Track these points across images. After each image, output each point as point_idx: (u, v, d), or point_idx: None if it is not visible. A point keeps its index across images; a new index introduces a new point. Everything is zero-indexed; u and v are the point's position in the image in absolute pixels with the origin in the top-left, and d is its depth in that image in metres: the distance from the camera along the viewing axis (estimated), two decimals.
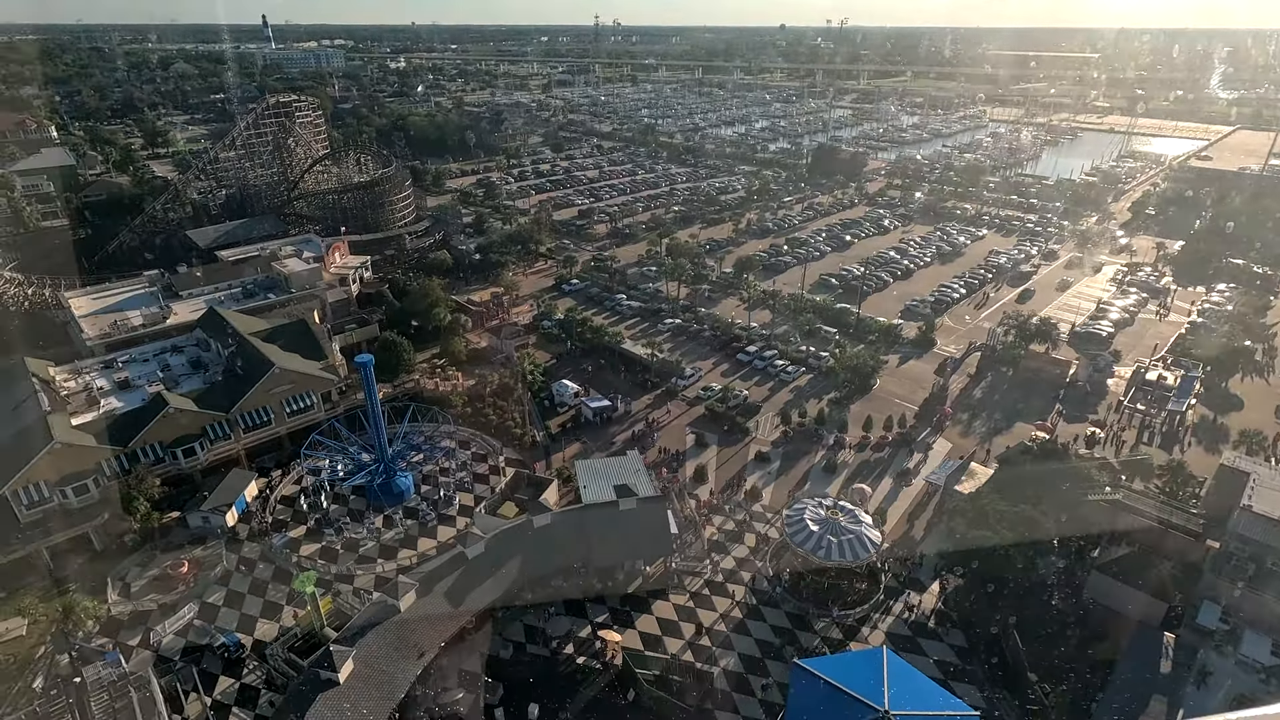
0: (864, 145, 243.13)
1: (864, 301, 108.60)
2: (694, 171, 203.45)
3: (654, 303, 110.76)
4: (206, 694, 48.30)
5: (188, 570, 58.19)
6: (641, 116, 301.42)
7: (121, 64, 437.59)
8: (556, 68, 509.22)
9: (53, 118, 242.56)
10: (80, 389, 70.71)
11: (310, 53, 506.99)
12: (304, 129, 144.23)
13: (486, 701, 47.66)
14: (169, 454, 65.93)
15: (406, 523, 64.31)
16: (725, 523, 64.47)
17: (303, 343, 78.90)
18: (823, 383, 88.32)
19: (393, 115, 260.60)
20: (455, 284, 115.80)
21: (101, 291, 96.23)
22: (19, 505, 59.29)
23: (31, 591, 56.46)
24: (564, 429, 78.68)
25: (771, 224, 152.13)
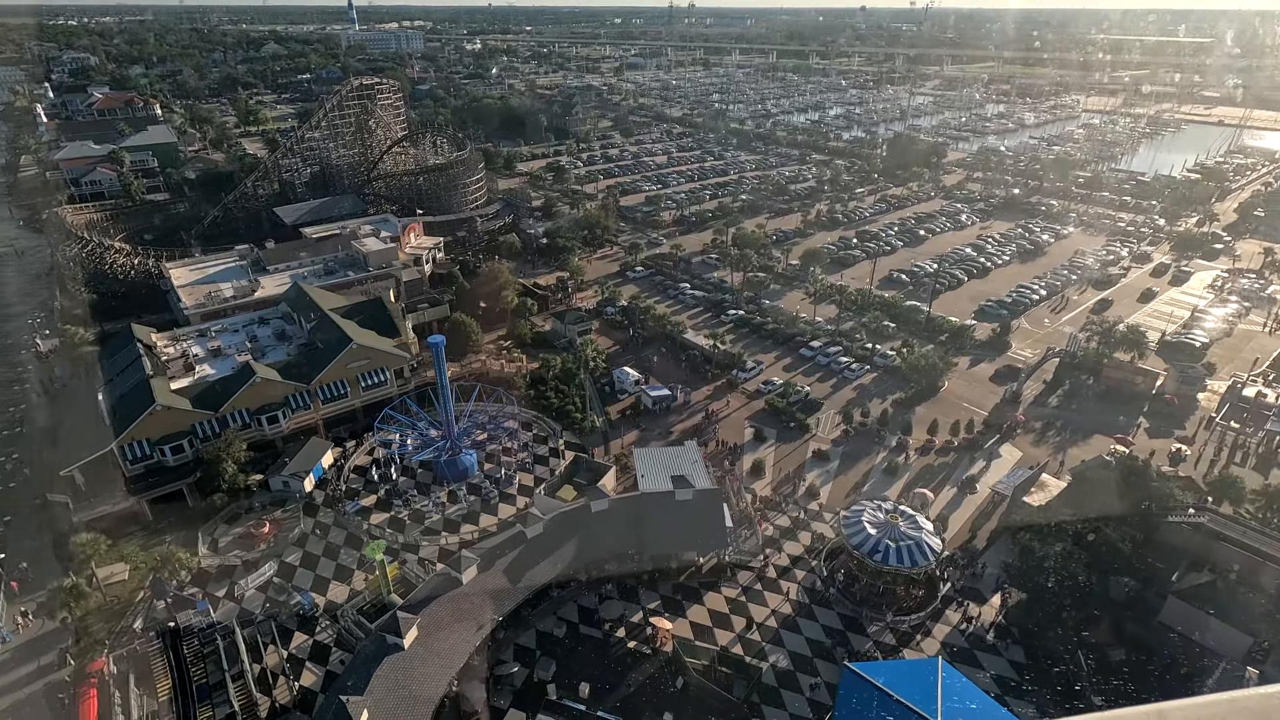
0: (944, 135, 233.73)
1: (935, 300, 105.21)
2: (763, 159, 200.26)
3: (717, 293, 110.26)
4: (283, 647, 51.78)
5: (269, 530, 62.17)
6: (712, 102, 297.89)
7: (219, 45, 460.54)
8: (629, 50, 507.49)
9: (158, 96, 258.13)
10: (178, 355, 75.98)
11: (391, 34, 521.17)
12: (384, 111, 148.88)
13: (539, 677, 49.43)
14: (255, 420, 70.25)
15: (469, 499, 66.75)
16: (780, 519, 64.29)
17: (378, 320, 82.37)
18: (888, 382, 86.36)
19: (467, 97, 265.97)
20: (522, 267, 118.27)
21: (198, 263, 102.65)
22: (124, 460, 64.49)
23: (133, 540, 61.49)
24: (623, 416, 79.70)
25: (841, 216, 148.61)
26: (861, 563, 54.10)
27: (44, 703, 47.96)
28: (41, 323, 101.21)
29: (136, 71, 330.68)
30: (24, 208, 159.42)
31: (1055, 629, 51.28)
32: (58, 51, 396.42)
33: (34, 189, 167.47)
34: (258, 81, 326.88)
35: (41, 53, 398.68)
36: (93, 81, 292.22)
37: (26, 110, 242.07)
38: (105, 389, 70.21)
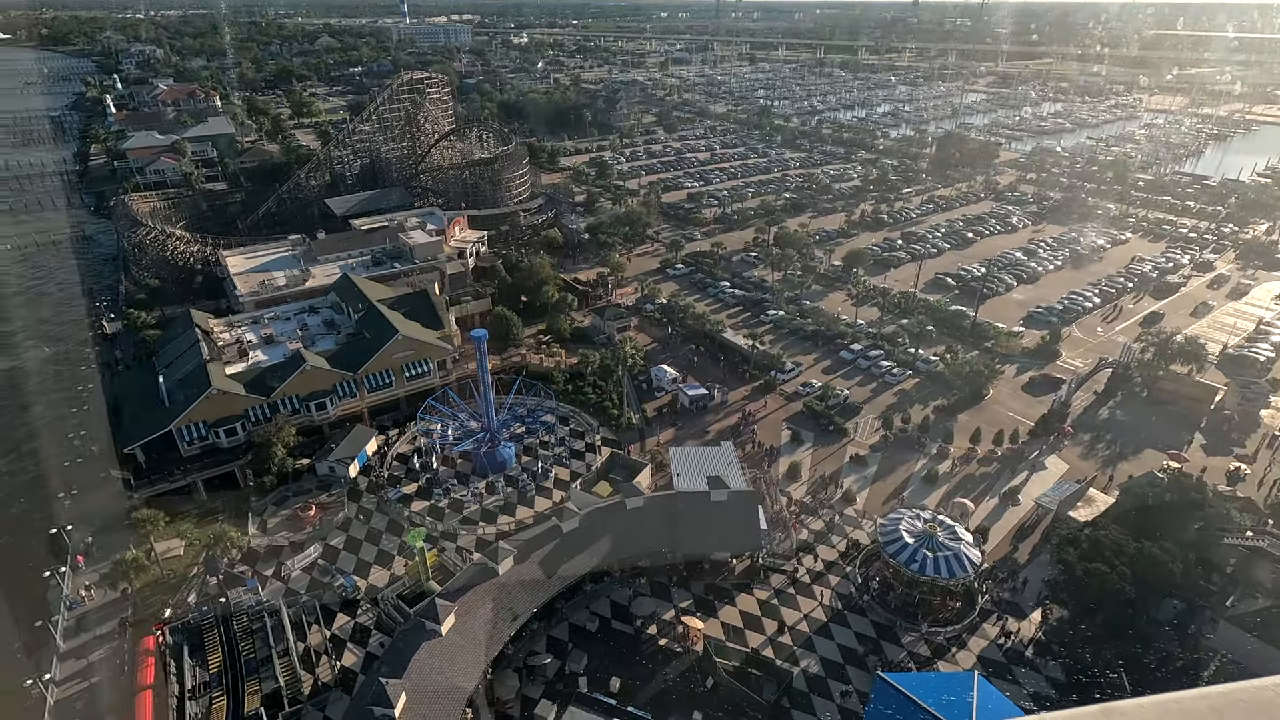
0: (996, 134, 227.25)
1: (982, 305, 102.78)
2: (808, 157, 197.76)
3: (757, 292, 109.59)
4: (326, 628, 53.63)
5: (315, 513, 64.33)
6: (757, 98, 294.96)
7: (275, 38, 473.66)
8: (674, 45, 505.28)
9: (217, 88, 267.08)
10: (233, 341, 78.91)
11: (440, 28, 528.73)
12: (433, 105, 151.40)
13: (571, 669, 50.23)
14: (304, 406, 72.64)
15: (507, 490, 67.95)
16: (815, 523, 63.89)
17: (423, 312, 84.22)
18: (930, 388, 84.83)
19: (513, 91, 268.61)
20: (563, 262, 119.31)
21: (252, 252, 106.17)
22: (182, 441, 67.43)
23: (188, 517, 64.34)
24: (660, 414, 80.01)
25: (886, 216, 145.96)
26: (897, 571, 53.48)
27: (106, 668, 50.65)
28: (108, 305, 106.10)
29: (198, 64, 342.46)
30: (93, 194, 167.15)
31: (1098, 648, 49.96)
32: (126, 44, 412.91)
33: (103, 177, 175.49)
34: (311, 74, 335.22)
35: (112, 45, 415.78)
36: (158, 74, 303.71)
37: (97, 101, 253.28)
38: (165, 371, 73.37)
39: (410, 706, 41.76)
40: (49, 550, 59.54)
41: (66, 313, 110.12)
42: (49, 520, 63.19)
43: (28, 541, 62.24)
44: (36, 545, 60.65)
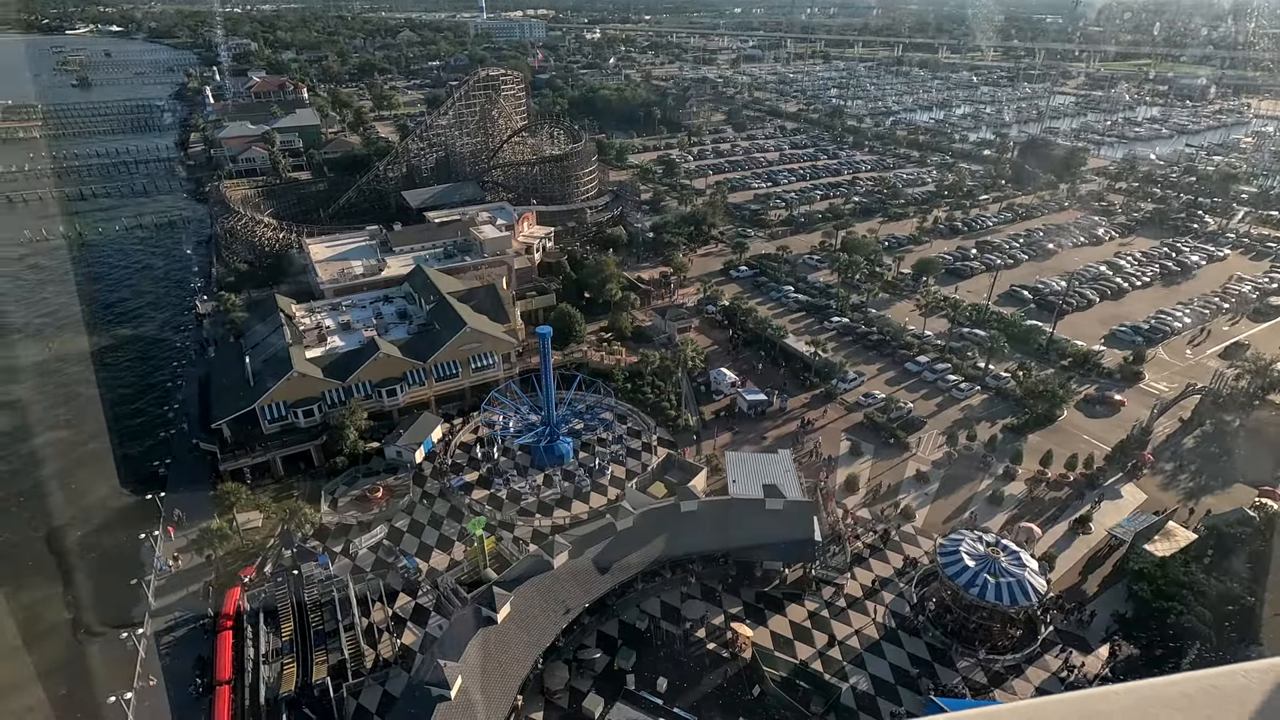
0: (1085, 140, 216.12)
1: (1060, 320, 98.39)
2: (880, 160, 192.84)
3: (822, 298, 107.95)
4: (388, 606, 56.18)
5: (382, 495, 67.31)
6: (830, 97, 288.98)
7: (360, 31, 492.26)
8: (747, 41, 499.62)
9: (305, 80, 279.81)
10: (313, 326, 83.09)
11: (515, 23, 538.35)
12: (507, 101, 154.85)
13: (619, 665, 51.15)
14: (376, 392, 75.96)
15: (564, 484, 69.44)
16: (871, 538, 62.86)
17: (491, 306, 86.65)
18: (999, 406, 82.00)
19: (584, 87, 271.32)
20: (627, 260, 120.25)
21: (333, 240, 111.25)
22: (264, 419, 71.58)
23: (266, 491, 68.34)
24: (717, 417, 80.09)
25: (961, 224, 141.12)
26: (956, 593, 52.20)
27: (190, 627, 54.54)
28: (201, 286, 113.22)
29: (288, 56, 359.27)
30: (191, 180, 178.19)
31: None
32: (224, 37, 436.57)
33: (200, 164, 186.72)
34: (392, 67, 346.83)
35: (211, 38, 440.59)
36: (252, 66, 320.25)
37: (197, 91, 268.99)
38: (251, 352, 77.90)
39: (465, 689, 43.46)
40: (145, 514, 64.32)
41: (166, 291, 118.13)
42: (145, 486, 68.26)
43: (126, 504, 67.37)
44: (134, 508, 65.58)
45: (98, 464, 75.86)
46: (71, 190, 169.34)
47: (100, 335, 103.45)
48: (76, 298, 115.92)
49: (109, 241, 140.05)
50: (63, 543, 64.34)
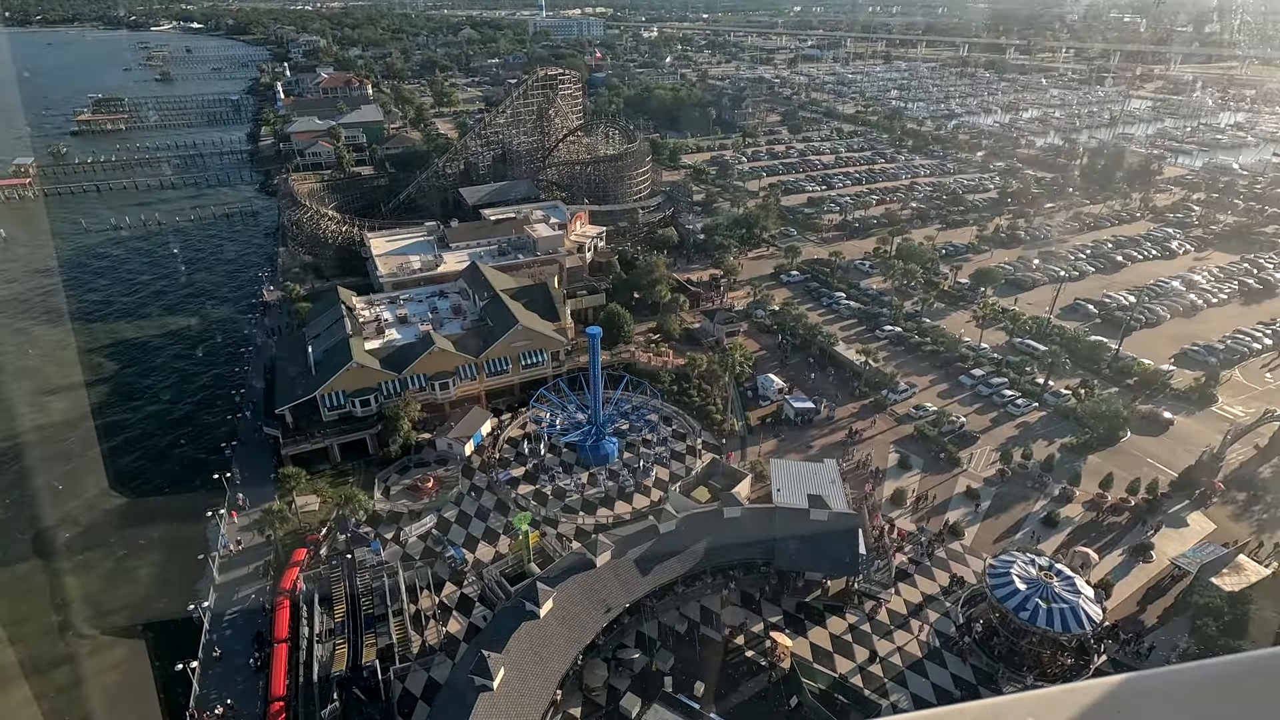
0: (1161, 147, 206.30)
1: (1128, 337, 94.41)
2: (940, 165, 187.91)
3: (874, 306, 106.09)
4: (435, 594, 57.90)
5: (432, 486, 69.27)
6: (890, 98, 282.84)
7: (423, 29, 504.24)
8: (805, 41, 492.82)
9: (370, 77, 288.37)
10: (372, 319, 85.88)
11: (574, 21, 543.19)
12: (563, 100, 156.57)
13: (657, 667, 51.60)
14: (429, 385, 78.12)
15: (608, 484, 70.20)
16: (917, 553, 61.72)
17: (542, 304, 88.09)
18: (1058, 424, 79.30)
19: (640, 86, 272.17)
20: (677, 261, 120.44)
21: (393, 235, 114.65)
22: (323, 406, 74.45)
23: (323, 477, 71.09)
24: (763, 423, 79.69)
25: (1024, 233, 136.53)
26: (1004, 617, 50.88)
27: (251, 604, 57.30)
28: (267, 276, 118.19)
29: (354, 53, 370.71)
30: (261, 172, 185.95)
31: None
32: (295, 34, 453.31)
33: (269, 157, 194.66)
34: (452, 65, 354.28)
35: (283, 35, 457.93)
36: (321, 62, 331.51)
37: (269, 86, 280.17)
38: (314, 341, 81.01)
39: (507, 680, 44.57)
40: (213, 493, 67.78)
41: (236, 279, 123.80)
42: (212, 466, 71.87)
43: (195, 483, 71.09)
44: (203, 486, 69.15)
45: (170, 441, 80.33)
46: (152, 180, 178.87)
47: (177, 318, 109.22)
48: (157, 282, 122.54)
49: (185, 230, 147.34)
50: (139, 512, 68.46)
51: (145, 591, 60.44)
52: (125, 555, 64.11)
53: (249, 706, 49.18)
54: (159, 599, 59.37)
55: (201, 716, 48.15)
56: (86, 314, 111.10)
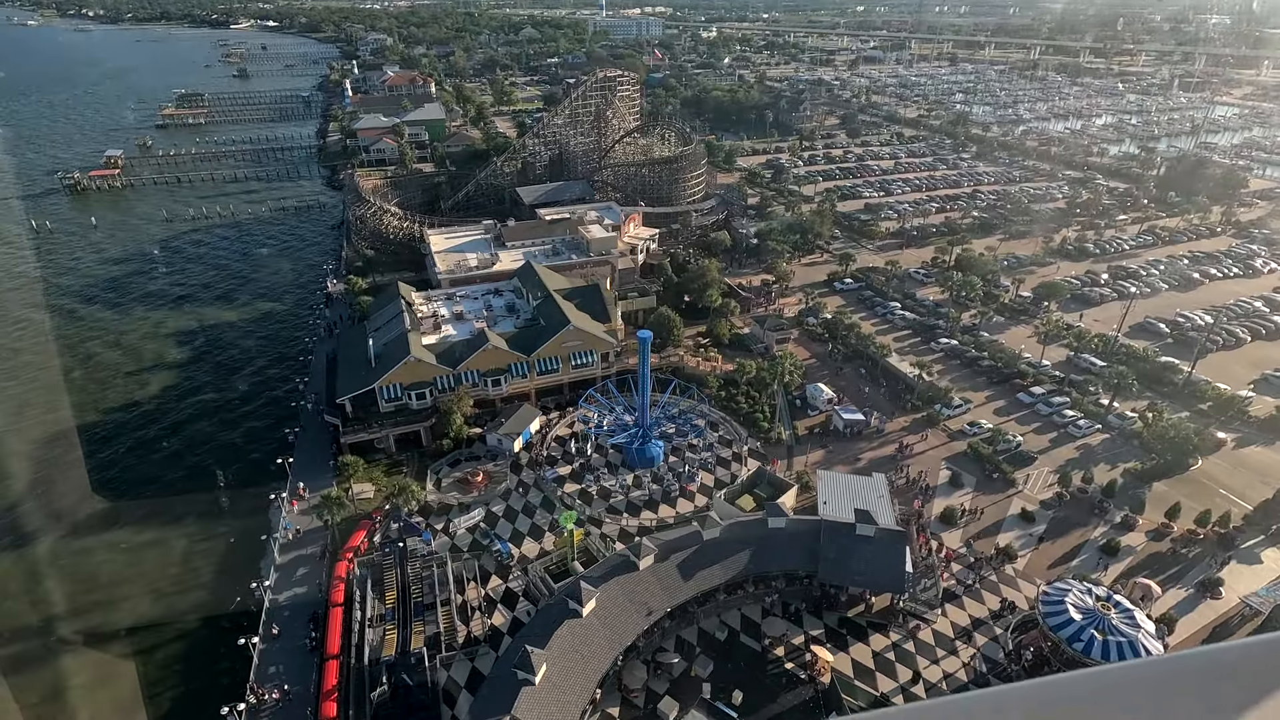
0: (1247, 158, 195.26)
1: (1202, 359, 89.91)
2: (1005, 172, 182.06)
3: (930, 317, 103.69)
4: (481, 586, 59.42)
5: (482, 479, 71.01)
6: (954, 102, 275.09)
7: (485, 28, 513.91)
8: (867, 42, 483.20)
9: (433, 75, 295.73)
10: (429, 314, 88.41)
11: (633, 21, 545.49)
12: (621, 101, 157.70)
13: (696, 672, 51.87)
14: (482, 381, 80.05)
15: (653, 487, 70.74)
16: (967, 575, 60.31)
17: (594, 305, 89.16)
18: (1121, 448, 76.17)
19: (697, 87, 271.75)
20: (729, 265, 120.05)
21: (451, 232, 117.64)
22: (381, 398, 77.10)
23: (378, 466, 73.67)
24: (811, 433, 78.96)
25: (1093, 245, 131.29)
26: (1057, 646, 49.35)
27: (308, 585, 59.90)
28: (332, 269, 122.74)
29: (419, 51, 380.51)
30: (328, 168, 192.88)
31: None
32: (364, 33, 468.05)
33: (336, 153, 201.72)
34: (513, 64, 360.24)
35: (353, 33, 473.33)
36: (387, 61, 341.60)
37: (338, 83, 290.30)
38: (374, 335, 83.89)
39: (549, 676, 45.54)
40: (276, 476, 71.04)
41: (302, 271, 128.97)
42: (277, 450, 75.29)
43: (261, 464, 74.57)
44: (267, 469, 72.51)
45: (237, 425, 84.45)
46: (227, 173, 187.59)
47: (246, 307, 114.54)
48: (230, 271, 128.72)
49: (256, 221, 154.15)
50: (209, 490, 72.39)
51: (213, 567, 63.84)
52: (196, 529, 67.90)
53: (303, 681, 51.47)
54: (224, 575, 62.63)
55: (260, 691, 50.66)
56: (168, 299, 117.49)
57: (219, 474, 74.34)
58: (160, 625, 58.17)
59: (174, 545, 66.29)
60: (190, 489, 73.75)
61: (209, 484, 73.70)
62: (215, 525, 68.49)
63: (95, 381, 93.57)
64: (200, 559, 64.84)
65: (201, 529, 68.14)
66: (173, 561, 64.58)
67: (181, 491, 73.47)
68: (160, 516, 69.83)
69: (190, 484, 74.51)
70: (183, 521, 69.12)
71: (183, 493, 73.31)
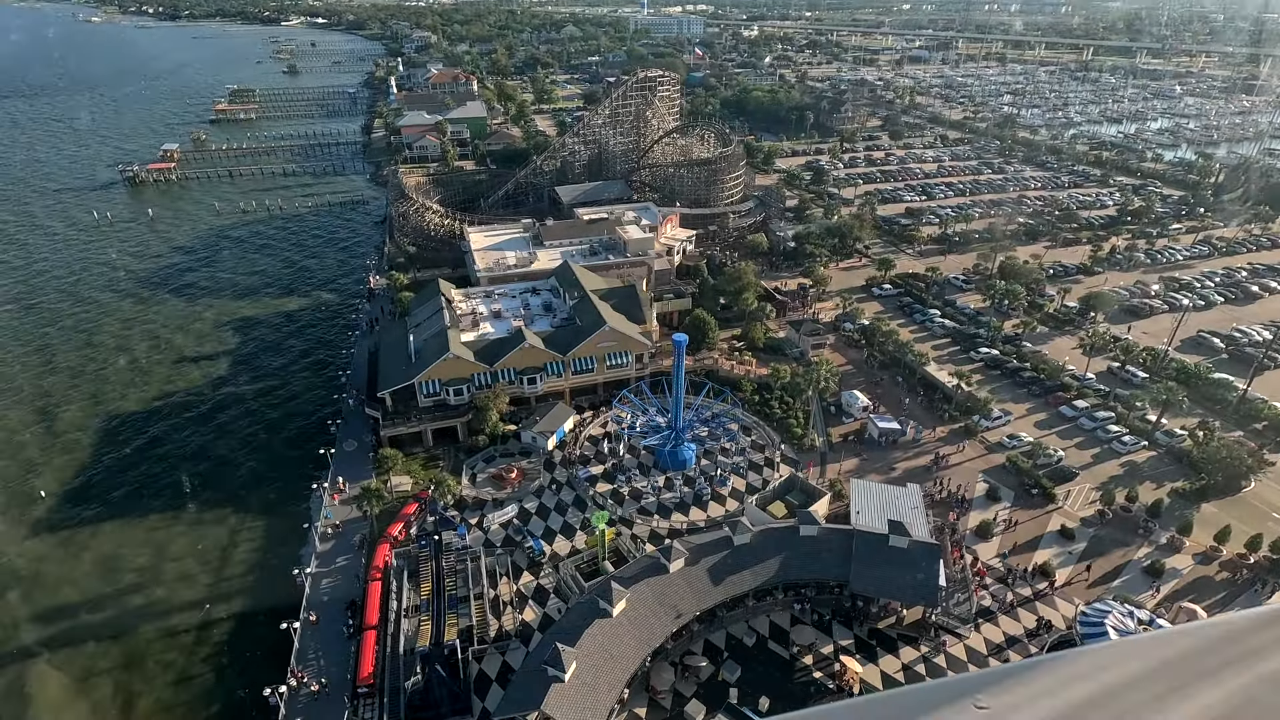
0: None
1: (1258, 376, 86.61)
2: (1053, 177, 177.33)
3: (970, 326, 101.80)
4: (513, 582, 60.46)
5: (516, 476, 72.13)
6: (1001, 104, 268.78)
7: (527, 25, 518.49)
8: (913, 41, 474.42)
9: (475, 72, 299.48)
10: (468, 311, 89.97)
11: (675, 19, 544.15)
12: (661, 102, 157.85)
13: (723, 677, 52.10)
14: (518, 379, 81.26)
15: (684, 489, 71.00)
16: (1002, 591, 59.32)
17: (629, 306, 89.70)
18: (1169, 466, 73.95)
19: (737, 87, 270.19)
20: (766, 268, 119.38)
21: (491, 230, 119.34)
22: (420, 393, 78.80)
23: (416, 459, 75.34)
24: (845, 441, 78.32)
25: (1144, 255, 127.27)
26: None
27: (346, 573, 61.70)
28: (374, 264, 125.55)
29: (462, 49, 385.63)
30: (372, 164, 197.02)
31: None
32: (409, 30, 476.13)
33: (380, 149, 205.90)
34: (554, 62, 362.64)
35: (398, 31, 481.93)
36: (431, 58, 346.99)
37: (383, 80, 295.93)
38: (414, 330, 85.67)
39: (578, 674, 46.23)
40: (319, 465, 73.25)
41: (346, 265, 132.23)
42: (319, 441, 77.58)
43: (304, 456, 76.95)
44: (310, 459, 74.81)
45: (282, 414, 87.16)
46: (275, 168, 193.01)
47: (292, 300, 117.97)
48: (277, 264, 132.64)
49: (303, 216, 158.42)
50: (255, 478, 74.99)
51: (257, 552, 66.21)
52: (241, 513, 70.47)
53: (340, 665, 53.11)
54: (266, 560, 64.89)
55: (300, 674, 52.41)
56: (217, 289, 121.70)
57: (261, 462, 76.91)
58: (205, 605, 60.55)
59: (219, 528, 68.92)
60: (236, 474, 76.54)
61: (254, 471, 76.36)
62: (259, 511, 70.96)
63: (145, 368, 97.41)
64: (244, 544, 67.25)
65: (246, 514, 70.66)
66: (218, 544, 67.11)
67: (228, 476, 76.26)
68: (206, 499, 72.66)
69: (236, 470, 77.30)
70: (228, 506, 71.78)
71: (229, 478, 76.09)
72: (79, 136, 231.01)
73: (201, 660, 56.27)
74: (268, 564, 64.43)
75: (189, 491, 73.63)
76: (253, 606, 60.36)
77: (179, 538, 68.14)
